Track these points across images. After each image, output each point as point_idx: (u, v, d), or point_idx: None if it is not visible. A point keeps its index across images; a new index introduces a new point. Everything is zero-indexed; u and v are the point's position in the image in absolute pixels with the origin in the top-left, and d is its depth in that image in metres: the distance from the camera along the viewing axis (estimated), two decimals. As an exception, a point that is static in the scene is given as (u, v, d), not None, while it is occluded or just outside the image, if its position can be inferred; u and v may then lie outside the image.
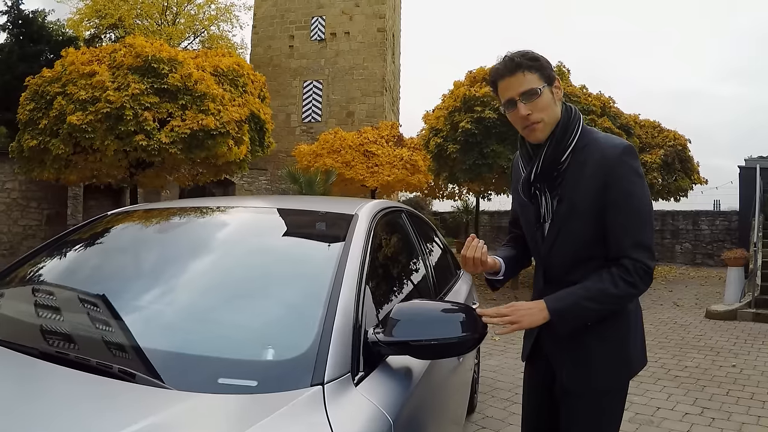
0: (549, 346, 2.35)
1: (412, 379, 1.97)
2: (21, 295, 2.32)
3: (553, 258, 2.31)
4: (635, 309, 2.36)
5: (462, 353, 1.96)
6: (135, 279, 2.33)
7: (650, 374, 6.50)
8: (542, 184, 2.27)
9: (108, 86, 12.35)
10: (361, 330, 1.81)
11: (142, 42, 13.42)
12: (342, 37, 30.98)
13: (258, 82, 16.23)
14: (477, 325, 1.88)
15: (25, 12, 22.60)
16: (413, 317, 1.81)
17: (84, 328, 1.96)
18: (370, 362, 1.79)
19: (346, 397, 1.54)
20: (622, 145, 2.17)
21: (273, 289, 2.16)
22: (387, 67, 31.25)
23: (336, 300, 1.82)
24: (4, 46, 22.40)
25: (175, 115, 12.99)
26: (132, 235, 2.73)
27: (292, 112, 31.60)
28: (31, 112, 13.14)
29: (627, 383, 2.36)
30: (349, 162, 21.61)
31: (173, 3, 32.69)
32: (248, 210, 2.89)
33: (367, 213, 2.53)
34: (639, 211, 2.14)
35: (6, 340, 1.82)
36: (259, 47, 32.16)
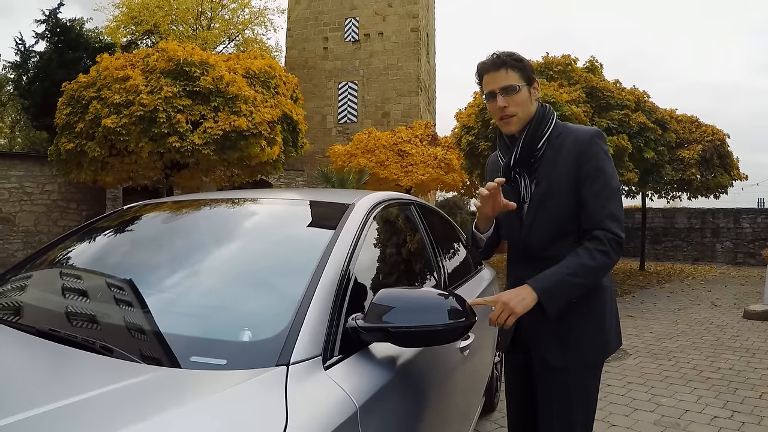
0: (528, 330, 2.45)
1: (395, 368, 1.96)
2: (26, 280, 2.50)
3: (532, 236, 2.45)
4: (609, 285, 2.52)
5: (447, 342, 1.91)
6: (129, 265, 2.46)
7: (681, 375, 6.36)
8: (521, 169, 2.46)
9: (141, 90, 12.65)
10: (341, 315, 1.82)
11: (174, 46, 13.71)
12: (376, 38, 31.02)
13: (290, 83, 16.40)
14: (465, 313, 1.87)
15: (62, 20, 23.19)
16: (396, 303, 1.80)
17: (76, 308, 2.12)
18: (349, 348, 1.79)
19: (311, 378, 1.55)
20: (592, 130, 2.41)
21: (258, 275, 2.21)
22: (422, 67, 31.21)
23: (315, 285, 1.83)
24: (43, 54, 22.99)
25: (208, 117, 13.24)
26: (134, 225, 2.85)
27: (327, 114, 31.73)
28: (68, 116, 13.53)
29: (603, 360, 2.51)
30: (383, 161, 21.65)
31: (207, 8, 33.16)
32: (247, 201, 2.94)
33: (364, 203, 2.55)
34: (609, 185, 2.32)
35: (10, 321, 2.03)
36: (293, 50, 32.37)
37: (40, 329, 1.85)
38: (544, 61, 14.77)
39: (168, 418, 1.31)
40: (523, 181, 2.46)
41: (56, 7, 23.33)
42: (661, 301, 12.52)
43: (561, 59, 14.66)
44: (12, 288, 2.41)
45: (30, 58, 24.07)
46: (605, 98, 13.72)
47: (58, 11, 23.35)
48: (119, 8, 31.49)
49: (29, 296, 2.35)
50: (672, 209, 25.12)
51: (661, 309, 11.38)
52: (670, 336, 8.66)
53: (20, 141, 34.71)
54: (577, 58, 14.75)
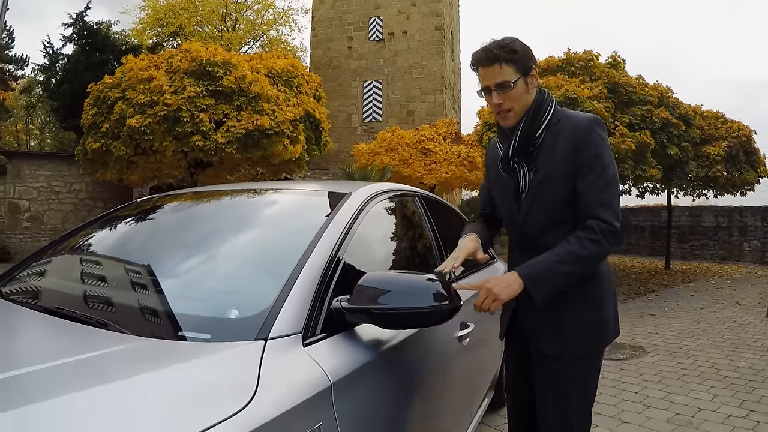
0: (525, 318, 2.48)
1: (380, 351, 2.00)
2: (37, 267, 2.64)
3: (528, 225, 2.44)
4: (607, 273, 2.49)
5: (431, 325, 2.00)
6: (128, 251, 2.59)
7: (698, 374, 6.28)
8: (520, 159, 2.42)
9: (165, 90, 12.91)
10: (327, 296, 1.89)
11: (197, 47, 13.93)
12: (400, 37, 31.04)
13: (313, 82, 16.57)
14: (450, 297, 1.93)
15: (89, 23, 23.58)
16: (381, 286, 1.86)
17: (77, 290, 2.25)
18: (333, 328, 1.86)
19: (288, 353, 1.62)
20: (591, 117, 2.37)
21: (249, 258, 2.30)
22: (446, 65, 31.18)
23: (301, 268, 1.89)
24: (71, 57, 23.44)
25: (231, 116, 13.46)
26: (136, 216, 2.96)
27: (352, 113, 31.82)
28: (94, 116, 13.85)
29: (602, 350, 2.49)
30: (407, 159, 21.70)
31: (232, 9, 33.44)
32: (248, 191, 3.02)
33: (361, 193, 2.59)
34: (605, 173, 2.28)
35: (24, 302, 2.20)
36: (318, 49, 32.51)
37: (47, 307, 2.01)
38: (565, 57, 14.71)
39: (143, 377, 1.42)
40: (522, 171, 2.43)
41: (83, 11, 23.77)
42: (685, 300, 12.38)
43: (582, 55, 14.58)
44: (27, 274, 2.57)
45: (58, 60, 24.53)
46: (627, 94, 13.61)
47: (84, 14, 23.77)
48: (144, 10, 32.04)
49: (39, 280, 2.52)
50: (698, 207, 24.70)
51: (684, 308, 11.26)
52: (691, 334, 8.56)
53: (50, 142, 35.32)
54: (599, 53, 14.67)
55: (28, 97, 34.98)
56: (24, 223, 17.73)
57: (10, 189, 17.22)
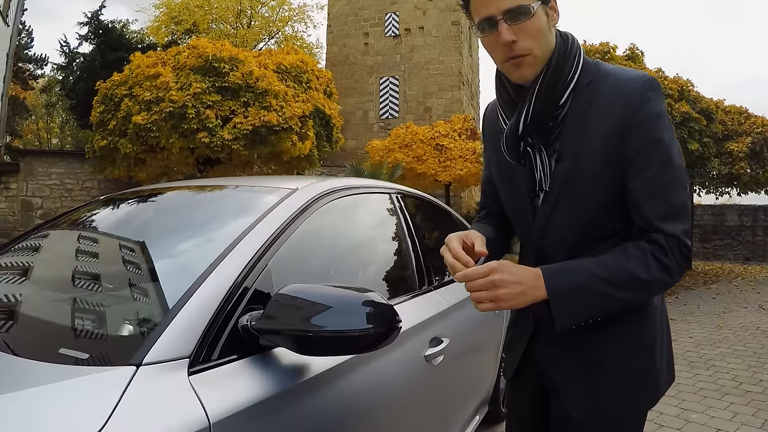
0: (544, 354, 1.77)
1: (302, 380, 1.67)
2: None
3: (549, 239, 1.68)
4: (661, 306, 1.75)
5: (360, 351, 1.57)
6: (30, 259, 2.37)
7: (717, 387, 5.84)
8: (535, 139, 1.64)
9: (171, 86, 12.76)
10: (233, 314, 1.57)
11: (204, 43, 13.84)
12: (416, 32, 30.72)
13: (323, 77, 16.38)
14: (387, 318, 1.54)
15: (104, 22, 23.87)
16: (299, 302, 1.50)
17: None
18: (245, 350, 1.56)
19: (164, 383, 1.33)
20: (642, 78, 1.56)
21: (151, 268, 2.01)
22: (463, 61, 30.84)
23: (205, 278, 1.59)
24: (87, 55, 23.78)
25: (238, 112, 13.28)
26: (56, 224, 2.70)
27: (369, 109, 31.59)
28: (102, 114, 13.77)
29: (647, 410, 1.76)
30: (421, 156, 21.41)
31: (247, 6, 33.25)
32: (179, 189, 2.74)
33: (310, 190, 2.22)
34: (670, 165, 1.53)
35: None
36: (334, 46, 32.30)
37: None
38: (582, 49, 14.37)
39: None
40: (538, 156, 1.65)
41: (98, 9, 24.23)
42: (706, 303, 11.97)
43: (599, 47, 14.27)
44: None
45: (75, 59, 24.85)
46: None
47: (100, 13, 24.13)
48: (159, 8, 31.91)
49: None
50: (722, 206, 24.22)
51: (705, 312, 10.83)
52: (711, 342, 8.11)
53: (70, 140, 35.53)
54: (616, 45, 14.32)
55: (48, 96, 35.35)
56: (37, 221, 17.65)
57: (23, 186, 17.16)
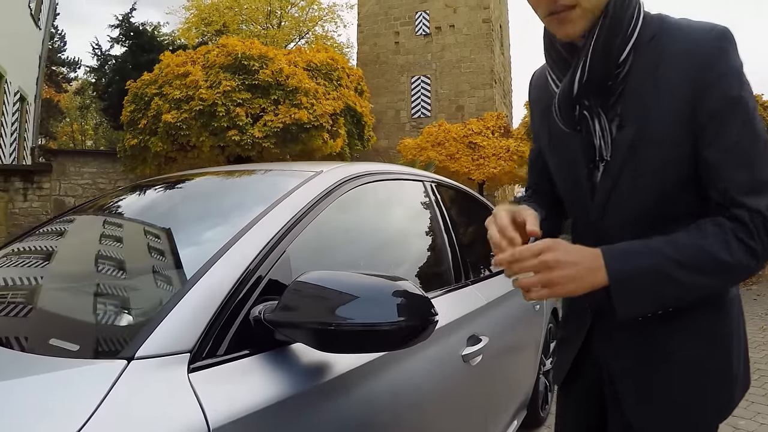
0: (603, 347, 1.56)
1: (321, 380, 1.48)
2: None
3: (610, 220, 1.46)
4: (737, 299, 1.51)
5: (390, 348, 1.39)
6: (41, 249, 2.24)
7: (765, 392, 5.46)
8: (593, 101, 1.42)
9: (201, 85, 12.82)
10: (244, 304, 1.40)
11: (234, 41, 13.90)
12: (447, 31, 30.54)
13: (354, 75, 16.32)
14: (422, 310, 1.34)
15: (135, 24, 24.28)
16: (321, 291, 1.31)
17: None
18: (253, 346, 1.39)
19: (159, 380, 1.18)
20: (715, 29, 1.31)
21: (160, 254, 1.89)
22: (495, 59, 30.57)
23: (210, 265, 1.44)
24: (118, 58, 24.18)
25: (268, 110, 13.26)
26: (73, 214, 2.58)
27: (401, 108, 31.47)
28: (132, 113, 13.88)
29: (719, 422, 1.49)
30: (454, 154, 21.22)
31: (276, 7, 33.33)
32: (207, 175, 2.61)
33: (334, 174, 2.04)
34: (752, 128, 1.29)
35: None
36: (365, 45, 32.24)
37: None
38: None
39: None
40: (597, 122, 1.43)
41: (128, 12, 24.59)
42: (747, 304, 11.52)
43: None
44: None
45: (107, 62, 25.14)
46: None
47: (130, 16, 24.54)
48: (189, 10, 32.16)
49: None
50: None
51: (747, 313, 10.45)
52: (756, 345, 7.75)
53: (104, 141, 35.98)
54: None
55: (82, 99, 35.81)
56: (71, 221, 17.91)
57: (56, 186, 17.34)
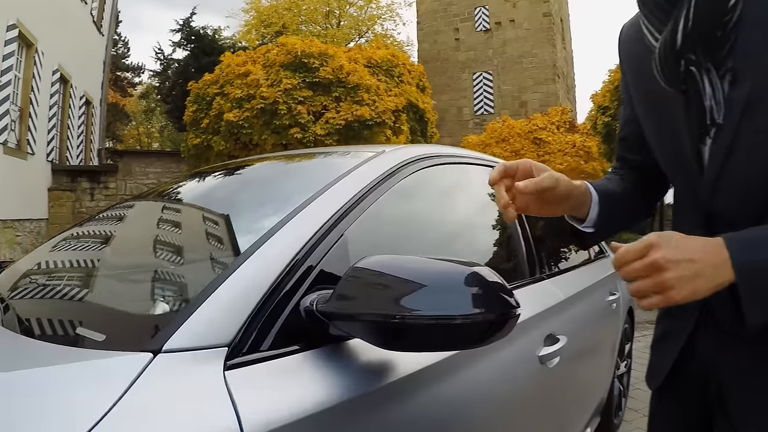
0: (711, 346, 1.26)
1: (382, 383, 1.25)
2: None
3: (724, 198, 1.18)
4: None
5: (464, 345, 1.15)
6: (90, 238, 2.08)
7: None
8: (700, 54, 1.14)
9: (262, 83, 12.87)
10: (294, 293, 1.20)
11: (293, 40, 14.00)
12: (507, 26, 30.12)
13: (415, 71, 16.19)
14: (501, 301, 1.08)
15: (195, 28, 24.91)
16: (383, 279, 1.10)
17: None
18: (303, 342, 1.18)
19: (187, 377, 0.99)
20: None
21: (206, 239, 1.73)
22: (557, 53, 30.02)
23: (254, 250, 1.25)
24: (180, 61, 24.88)
25: (330, 108, 13.23)
26: (125, 207, 2.45)
27: (463, 106, 31.22)
28: (194, 113, 14.06)
29: None
30: (518, 151, 20.88)
31: (335, 7, 33.39)
32: (269, 160, 2.48)
33: (399, 153, 1.85)
34: None
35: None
36: (425, 43, 32.07)
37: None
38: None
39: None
40: (706, 78, 1.14)
41: (189, 17, 25.37)
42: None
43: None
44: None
45: (170, 66, 25.78)
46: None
47: (191, 20, 25.17)
48: (248, 12, 32.50)
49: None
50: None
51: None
52: None
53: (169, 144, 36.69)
54: None
55: (147, 102, 36.59)
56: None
57: (122, 186, 17.65)
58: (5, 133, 12.08)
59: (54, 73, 15.06)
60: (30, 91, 13.36)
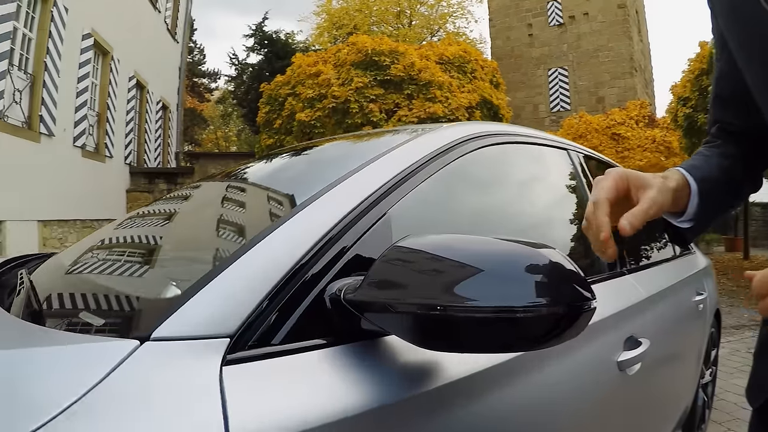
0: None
1: (418, 386, 1.03)
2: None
3: None
4: None
5: (520, 346, 0.90)
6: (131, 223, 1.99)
7: None
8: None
9: (333, 83, 12.97)
10: (318, 279, 1.02)
11: (363, 38, 14.07)
12: (581, 19, 29.39)
13: (488, 67, 16.00)
14: (571, 291, 0.85)
15: (268, 32, 25.61)
16: (426, 262, 0.90)
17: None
18: (328, 336, 1.00)
19: (174, 369, 0.83)
20: None
21: (235, 223, 1.58)
22: (634, 46, 29.13)
23: (274, 228, 1.09)
24: (255, 66, 25.61)
25: (402, 105, 13.21)
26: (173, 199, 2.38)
27: (539, 103, 30.68)
28: (267, 114, 14.34)
29: None
30: (596, 147, 20.32)
31: (405, 6, 33.32)
32: (337, 140, 2.38)
33: (457, 129, 1.66)
34: None
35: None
36: (498, 39, 31.67)
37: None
38: None
39: None
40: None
41: (261, 21, 26.15)
42: None
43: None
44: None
45: (245, 71, 26.33)
46: None
47: (263, 25, 25.85)
48: (319, 15, 32.75)
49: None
50: None
51: None
52: None
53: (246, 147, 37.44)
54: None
55: (224, 107, 37.37)
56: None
57: (200, 188, 18.08)
58: (83, 137, 12.55)
59: (130, 79, 15.55)
60: (107, 96, 13.83)
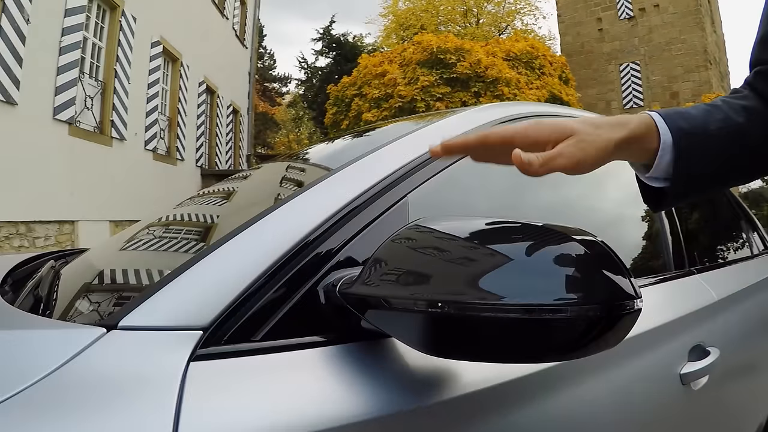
0: None
1: (427, 397, 0.89)
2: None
3: None
4: None
5: (545, 355, 0.76)
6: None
7: None
8: None
9: (399, 82, 13.06)
10: (318, 269, 0.93)
11: (428, 37, 14.07)
12: (652, 11, 28.60)
13: (557, 63, 15.83)
14: (612, 286, 0.69)
15: (336, 36, 26.07)
16: (443, 248, 0.78)
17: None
18: (321, 334, 0.90)
19: (137, 360, 0.77)
20: None
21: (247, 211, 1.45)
22: (708, 38, 28.19)
23: (266, 214, 1.02)
24: (324, 69, 26.07)
25: (469, 103, 13.07)
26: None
27: (612, 99, 29.99)
28: (334, 115, 14.58)
29: None
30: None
31: (472, 5, 33.13)
32: (401, 121, 2.21)
33: (489, 111, 1.52)
34: None
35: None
36: (567, 35, 31.13)
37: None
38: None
39: None
40: None
41: (328, 25, 26.42)
42: None
43: None
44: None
45: (314, 74, 26.72)
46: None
47: (330, 28, 26.24)
48: (386, 17, 32.80)
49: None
50: None
51: None
52: None
53: (318, 149, 38.14)
54: None
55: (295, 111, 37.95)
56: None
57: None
58: (154, 141, 13.05)
59: (200, 84, 16.00)
60: (177, 101, 14.32)
